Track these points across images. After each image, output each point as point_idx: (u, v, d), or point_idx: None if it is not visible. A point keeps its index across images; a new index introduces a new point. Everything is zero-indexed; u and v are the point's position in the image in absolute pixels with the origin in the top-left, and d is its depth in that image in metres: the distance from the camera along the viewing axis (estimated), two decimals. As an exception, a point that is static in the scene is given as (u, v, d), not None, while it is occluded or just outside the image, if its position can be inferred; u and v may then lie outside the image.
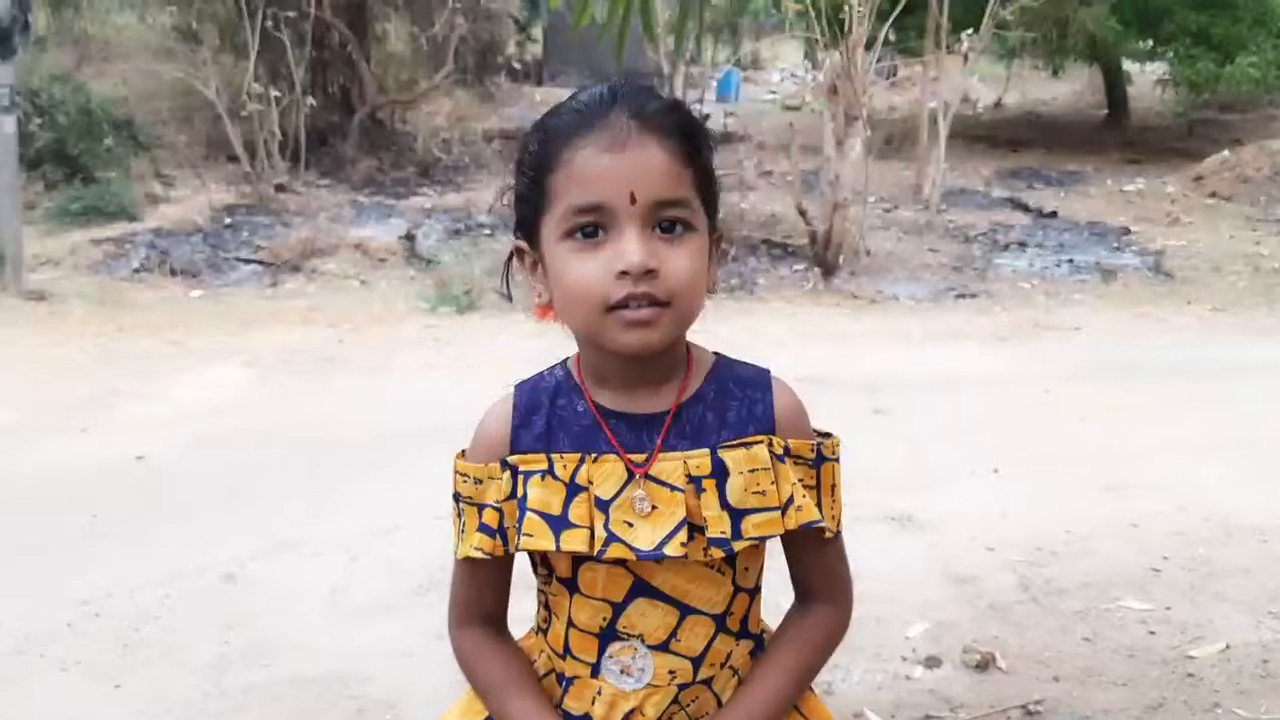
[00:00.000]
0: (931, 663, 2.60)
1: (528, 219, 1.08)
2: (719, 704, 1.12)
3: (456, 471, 1.13)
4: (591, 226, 1.01)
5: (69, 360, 5.27)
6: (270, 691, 2.50)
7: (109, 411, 4.52)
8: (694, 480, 1.05)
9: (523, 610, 1.21)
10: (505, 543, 1.09)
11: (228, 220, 8.19)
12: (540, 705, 1.11)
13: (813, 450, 1.10)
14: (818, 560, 1.15)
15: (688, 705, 1.11)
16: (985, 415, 4.51)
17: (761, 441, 1.07)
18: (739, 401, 1.10)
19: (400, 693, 2.48)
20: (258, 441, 4.19)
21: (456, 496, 1.13)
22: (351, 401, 4.73)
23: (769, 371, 1.14)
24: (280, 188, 8.85)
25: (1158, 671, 2.57)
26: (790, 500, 1.06)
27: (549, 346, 1.23)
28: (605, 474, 1.06)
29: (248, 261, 7.31)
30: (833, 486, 1.12)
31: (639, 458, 1.06)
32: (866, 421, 4.37)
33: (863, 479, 3.70)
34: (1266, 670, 2.59)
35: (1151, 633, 2.76)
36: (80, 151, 8.44)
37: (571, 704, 1.12)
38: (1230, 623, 2.80)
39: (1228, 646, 2.68)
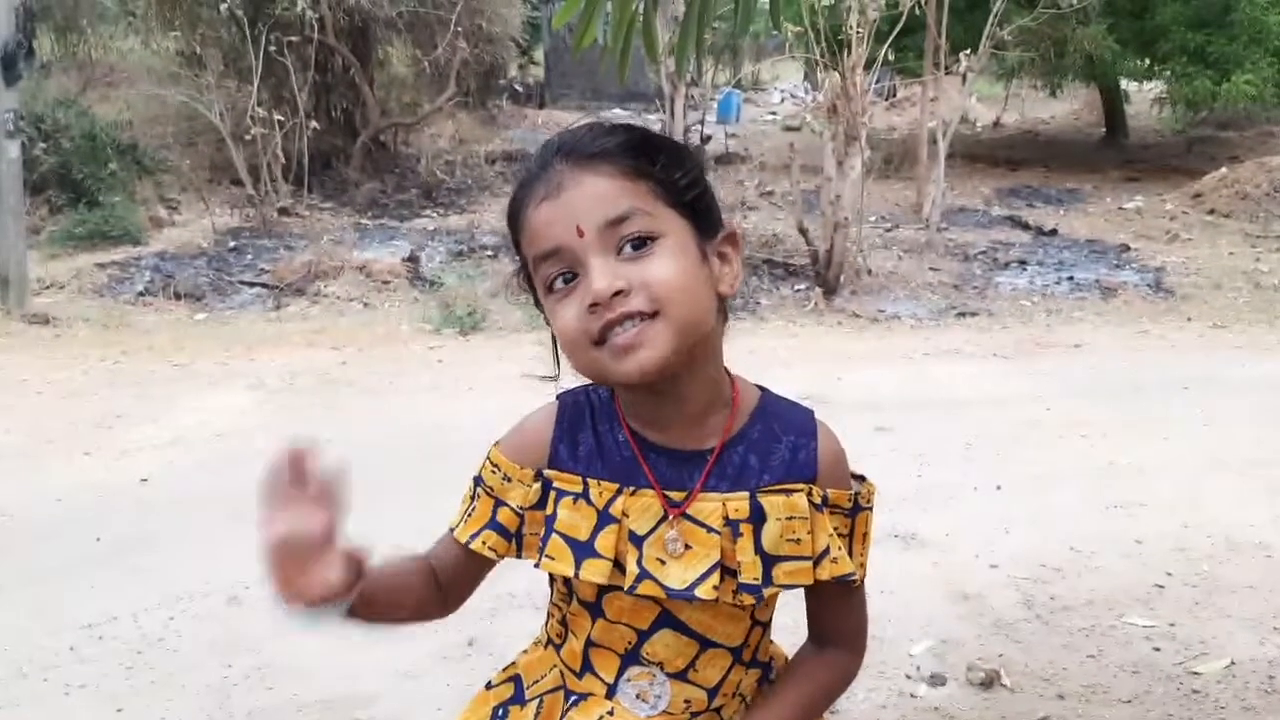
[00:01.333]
0: (936, 681, 2.59)
1: (532, 291, 1.09)
2: None
3: (489, 459, 1.13)
4: (565, 273, 1.02)
5: (73, 383, 5.29)
6: (274, 715, 2.50)
7: (112, 434, 4.53)
8: (731, 524, 1.05)
9: (510, 628, 1.22)
10: (519, 549, 1.10)
11: (232, 243, 8.22)
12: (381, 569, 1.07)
13: (849, 500, 1.11)
14: (841, 607, 1.15)
15: None
16: (987, 433, 4.51)
17: (801, 490, 1.06)
18: (783, 446, 1.09)
19: (405, 715, 2.48)
20: (261, 464, 4.18)
21: (478, 480, 1.13)
22: (355, 423, 4.74)
23: (814, 415, 1.13)
24: (284, 211, 8.89)
25: (1162, 688, 2.57)
26: (826, 552, 1.06)
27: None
28: (641, 509, 1.06)
29: (251, 284, 7.34)
30: (864, 535, 1.12)
31: (677, 495, 1.06)
32: (869, 440, 4.37)
33: (865, 497, 3.71)
34: (1272, 686, 2.58)
35: (1156, 649, 2.75)
36: (84, 176, 8.48)
37: (578, 717, 1.12)
38: (1235, 639, 2.80)
39: (1232, 663, 2.68)
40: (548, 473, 1.09)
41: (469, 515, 1.13)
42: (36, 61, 12.52)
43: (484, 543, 1.10)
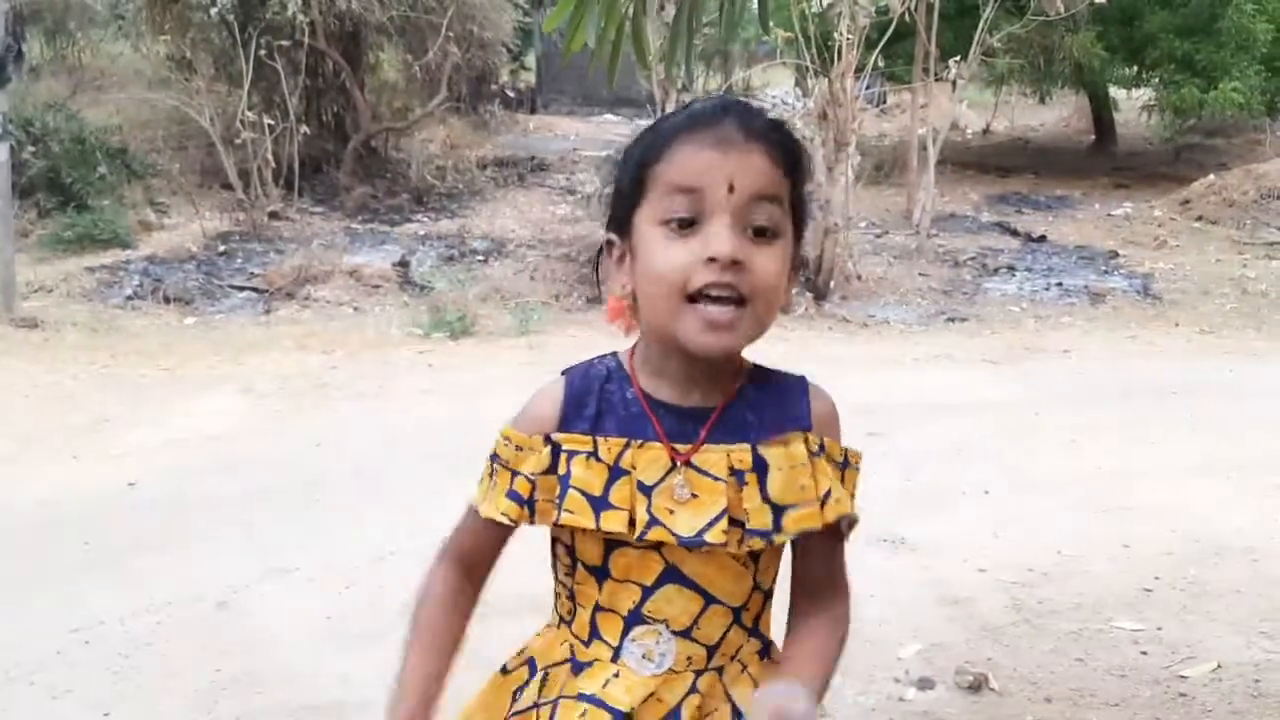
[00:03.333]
0: (924, 684, 2.60)
1: (622, 212, 1.11)
2: (729, 699, 1.14)
3: (501, 435, 1.16)
4: (687, 218, 1.05)
5: (61, 388, 5.27)
6: None
7: (101, 439, 4.52)
8: (736, 473, 1.09)
9: (502, 633, 1.22)
10: (532, 514, 1.12)
11: (221, 248, 8.20)
12: (422, 668, 1.20)
13: (841, 454, 1.16)
14: (833, 556, 1.19)
15: (705, 693, 1.13)
16: (976, 437, 4.53)
17: (799, 438, 1.12)
18: (777, 402, 1.14)
19: None
20: (251, 468, 4.19)
21: (494, 457, 1.16)
22: (345, 428, 4.73)
23: (805, 377, 1.19)
24: (274, 215, 8.87)
25: (1150, 691, 2.58)
26: (829, 493, 1.11)
27: (543, 374, 1.25)
28: (649, 460, 1.10)
29: (241, 289, 7.32)
30: (851, 495, 1.17)
31: (683, 447, 1.10)
32: (859, 444, 4.36)
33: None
34: (1258, 690, 2.60)
35: (1143, 653, 2.77)
36: (74, 179, 8.46)
37: (584, 684, 1.13)
38: (1222, 642, 2.81)
39: (1219, 666, 2.69)
40: (556, 436, 1.12)
41: (489, 491, 1.16)
42: (26, 65, 12.50)
43: (502, 511, 1.13)
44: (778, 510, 1.09)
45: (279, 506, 3.79)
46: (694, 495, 1.08)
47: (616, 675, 1.12)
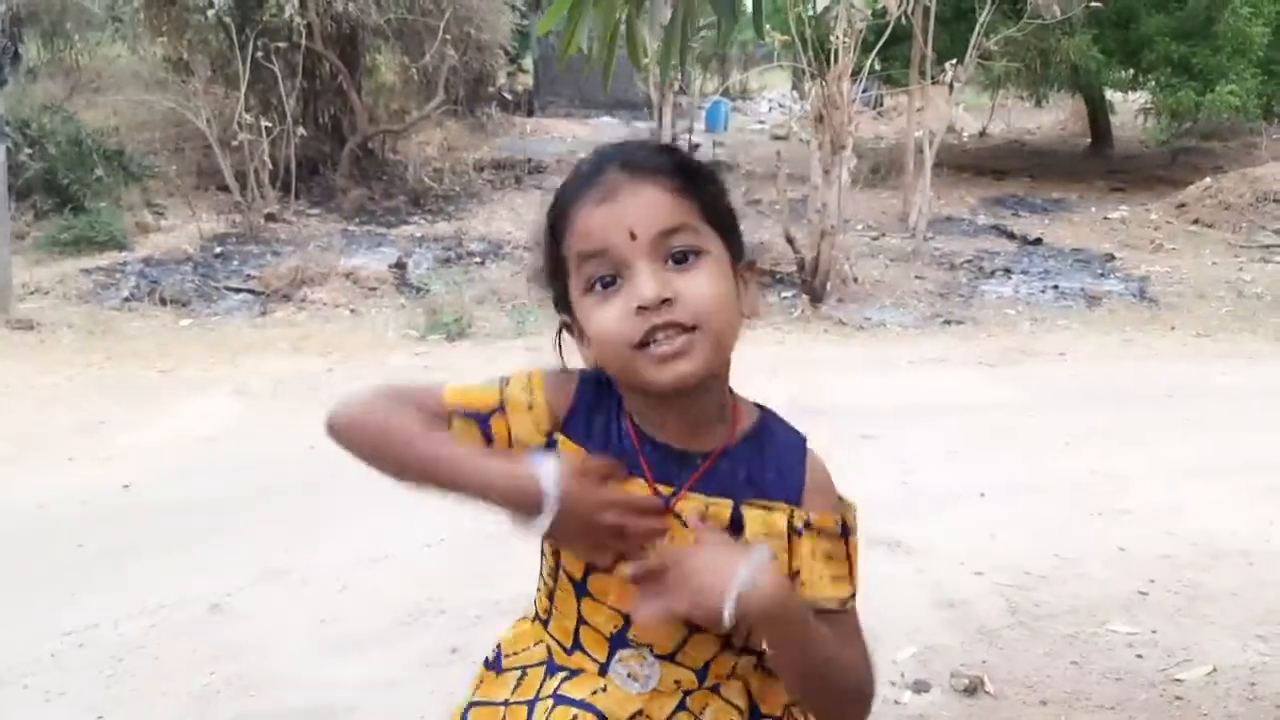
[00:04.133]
0: (920, 687, 2.60)
1: (557, 290, 1.12)
2: (734, 709, 1.13)
3: (529, 376, 1.13)
4: (607, 276, 1.04)
5: (56, 389, 5.26)
6: (256, 721, 2.48)
7: (96, 440, 4.51)
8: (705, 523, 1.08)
9: (495, 635, 1.21)
10: (490, 441, 1.10)
11: (218, 249, 8.20)
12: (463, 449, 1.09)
13: (837, 524, 1.12)
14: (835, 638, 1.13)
15: (698, 712, 1.12)
16: (972, 440, 4.52)
17: (783, 511, 1.09)
18: (772, 467, 1.12)
19: (387, 722, 2.47)
20: (246, 470, 4.18)
21: (504, 380, 1.13)
22: (340, 430, 4.72)
23: (806, 440, 1.16)
24: (271, 217, 8.87)
25: (1145, 695, 2.58)
26: (796, 575, 1.09)
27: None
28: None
29: (238, 290, 7.31)
30: (853, 560, 1.14)
31: (665, 489, 1.09)
32: (855, 447, 4.38)
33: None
34: (1254, 693, 2.59)
35: (1139, 656, 2.77)
36: (70, 181, 8.45)
37: (571, 690, 1.13)
38: (1217, 646, 2.81)
39: (1215, 669, 2.69)
40: (559, 437, 1.11)
41: (469, 391, 1.14)
42: (22, 66, 12.49)
43: (461, 426, 1.11)
44: None
45: (273, 509, 3.78)
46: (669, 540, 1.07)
47: (604, 689, 1.12)
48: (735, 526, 1.08)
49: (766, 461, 1.12)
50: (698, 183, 1.08)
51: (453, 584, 3.08)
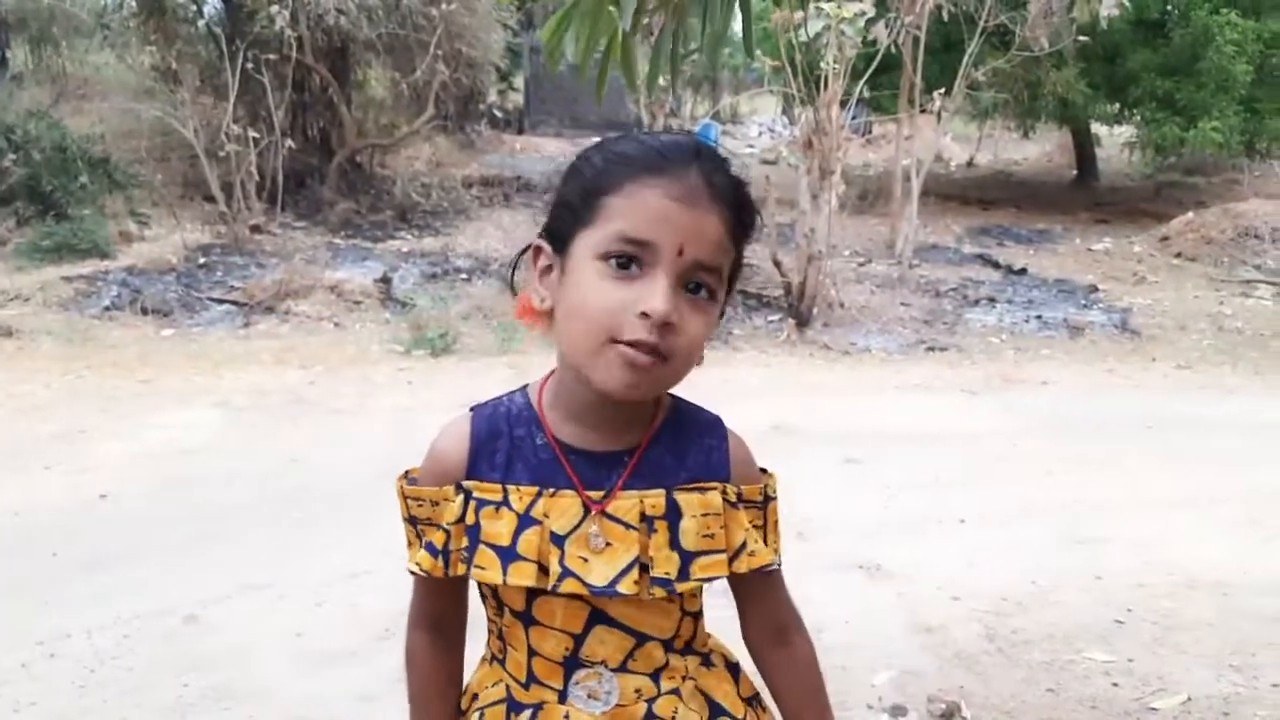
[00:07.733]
0: (897, 712, 2.60)
1: (563, 226, 1.06)
2: (694, 713, 1.14)
3: (407, 496, 1.13)
4: (630, 259, 1.01)
5: (35, 397, 5.21)
6: (228, 735, 2.45)
7: (74, 449, 4.47)
8: (647, 519, 1.08)
9: (468, 650, 1.21)
10: (447, 566, 1.10)
11: (202, 260, 8.17)
12: None
13: (761, 493, 1.15)
14: (774, 597, 1.20)
15: (665, 716, 1.13)
16: (954, 467, 4.54)
17: (716, 489, 1.10)
18: (697, 447, 1.13)
19: (361, 738, 2.45)
20: (225, 483, 4.15)
21: (412, 520, 1.14)
22: (322, 444, 4.70)
23: (720, 419, 1.18)
24: (256, 229, 8.85)
25: (1121, 724, 2.58)
26: (743, 546, 1.11)
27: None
28: (562, 509, 1.08)
29: (221, 302, 7.28)
30: (775, 523, 1.17)
31: (597, 494, 1.08)
32: (837, 471, 4.39)
33: (832, 527, 3.73)
34: (1228, 724, 2.60)
35: (1114, 684, 2.77)
36: (54, 188, 8.41)
37: None
38: (1192, 675, 2.82)
39: (1189, 699, 2.70)
40: (467, 484, 1.10)
41: (409, 546, 1.15)
42: (9, 72, 12.45)
43: (419, 564, 1.11)
44: (687, 557, 1.08)
45: (252, 522, 3.76)
46: (608, 544, 1.07)
47: (566, 717, 1.11)
48: (672, 513, 1.08)
49: (690, 444, 1.12)
50: (746, 232, 1.08)
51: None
